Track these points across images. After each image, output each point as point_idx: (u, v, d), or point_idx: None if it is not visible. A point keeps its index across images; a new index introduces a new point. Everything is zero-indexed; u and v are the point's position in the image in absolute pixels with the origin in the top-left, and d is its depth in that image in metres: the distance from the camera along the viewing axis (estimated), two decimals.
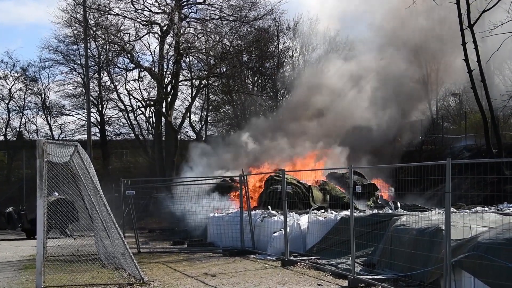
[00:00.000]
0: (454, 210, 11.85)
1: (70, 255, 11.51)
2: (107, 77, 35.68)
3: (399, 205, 14.68)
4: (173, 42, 29.15)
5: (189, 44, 29.15)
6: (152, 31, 29.95)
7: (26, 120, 40.65)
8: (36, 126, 40.98)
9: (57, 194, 9.97)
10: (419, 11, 27.78)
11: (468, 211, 11.89)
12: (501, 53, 23.80)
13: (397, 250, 9.60)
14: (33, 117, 41.00)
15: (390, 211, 12.91)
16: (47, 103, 40.08)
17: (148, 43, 36.81)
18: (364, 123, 23.80)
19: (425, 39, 32.26)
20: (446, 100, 35.19)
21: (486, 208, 12.40)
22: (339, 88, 24.59)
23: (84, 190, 10.10)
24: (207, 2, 29.93)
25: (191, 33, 29.73)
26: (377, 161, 21.94)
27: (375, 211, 13.73)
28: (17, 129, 40.68)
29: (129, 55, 29.68)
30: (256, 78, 35.36)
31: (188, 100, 36.63)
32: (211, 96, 37.86)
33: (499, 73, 31.78)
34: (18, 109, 40.15)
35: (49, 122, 40.32)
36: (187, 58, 31.94)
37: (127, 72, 33.79)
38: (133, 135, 38.68)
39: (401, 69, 31.89)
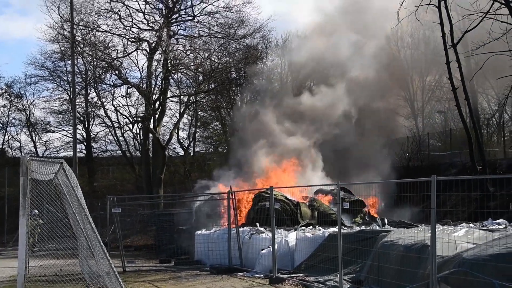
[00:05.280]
0: (440, 226, 11.90)
1: (53, 275, 11.31)
2: (94, 94, 35.55)
3: (386, 221, 14.73)
4: (162, 58, 29.21)
5: (177, 61, 29.22)
6: (140, 48, 29.99)
7: (9, 137, 40.22)
8: (20, 143, 40.52)
9: (37, 211, 9.85)
10: (404, 30, 28.27)
11: (454, 227, 11.95)
12: (484, 72, 24.25)
13: (384, 266, 9.61)
14: (17, 134, 40.55)
15: (378, 228, 12.94)
16: (32, 120, 39.72)
17: (136, 59, 36.76)
18: (351, 140, 23.87)
19: (410, 58, 32.79)
20: (432, 117, 35.58)
21: (471, 225, 12.48)
22: (325, 105, 24.68)
23: (69, 208, 9.99)
24: (195, 20, 30.11)
25: (179, 50, 29.84)
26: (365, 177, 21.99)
27: (363, 227, 13.76)
28: (0, 147, 40.18)
29: (116, 72, 29.63)
30: (244, 94, 35.44)
31: (176, 116, 36.59)
32: (199, 113, 37.86)
33: (482, 91, 32.26)
34: (1, 126, 39.70)
35: (34, 139, 39.93)
36: (176, 75, 31.98)
37: (115, 89, 33.70)
38: (120, 151, 38.43)
39: (387, 87, 32.26)
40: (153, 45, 29.14)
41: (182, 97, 33.48)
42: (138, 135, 36.21)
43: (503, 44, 21.43)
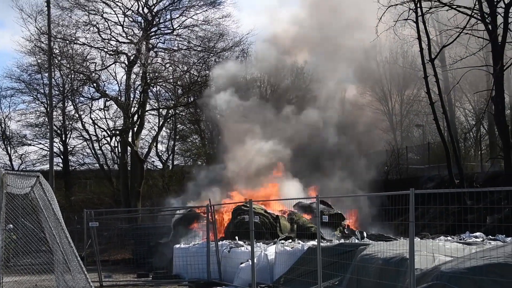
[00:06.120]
0: (418, 239, 12.03)
1: None
2: (72, 106, 35.22)
3: (365, 234, 14.83)
4: (140, 71, 29.14)
5: (156, 74, 29.18)
6: (119, 61, 29.87)
7: None
8: None
9: (11, 226, 9.71)
10: (383, 44, 28.72)
11: (432, 240, 12.10)
12: (461, 86, 24.70)
13: (363, 279, 9.66)
14: None
15: (357, 241, 13.02)
16: (7, 133, 39.10)
17: (115, 72, 36.46)
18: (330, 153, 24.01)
19: (389, 72, 33.33)
20: (410, 131, 36.07)
21: (449, 238, 12.64)
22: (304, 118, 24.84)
23: (45, 222, 9.86)
24: (175, 33, 30.19)
25: (158, 63, 29.81)
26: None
27: (342, 240, 13.83)
28: None
29: (94, 84, 29.46)
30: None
31: (155, 129, 36.42)
32: (178, 126, 37.75)
33: (460, 105, 32.91)
34: None
35: (9, 152, 39.28)
36: (154, 88, 31.91)
37: (93, 101, 33.45)
38: (97, 165, 38.01)
39: (366, 100, 32.66)
40: (132, 58, 29.07)
41: (161, 110, 33.40)
42: (116, 148, 35.90)
43: (480, 59, 21.97)
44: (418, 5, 18.52)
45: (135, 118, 29.98)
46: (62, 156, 38.68)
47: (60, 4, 28.42)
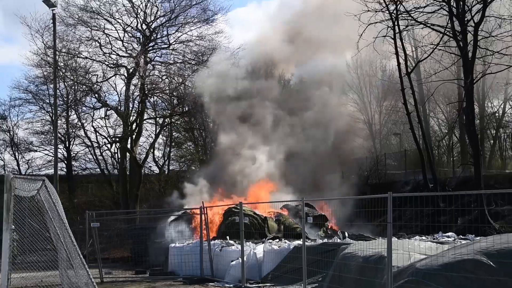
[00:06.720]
0: (396, 239, 12.11)
1: (33, 286, 11.07)
2: (75, 115, 35.10)
3: (346, 234, 14.90)
4: (139, 83, 29.17)
5: (153, 85, 29.26)
6: (119, 73, 29.90)
7: None
8: (4, 161, 39.52)
9: (13, 227, 9.67)
10: (363, 59, 28.98)
11: (408, 240, 12.19)
12: (435, 98, 24.93)
13: (345, 276, 9.72)
14: (1, 153, 39.48)
15: (339, 240, 13.08)
16: (15, 140, 38.84)
17: (115, 84, 36.32)
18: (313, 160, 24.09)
19: (369, 84, 33.62)
20: (388, 139, 36.32)
21: (423, 238, 12.74)
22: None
23: (50, 222, 9.83)
24: (171, 47, 30.27)
25: (155, 75, 29.90)
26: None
27: (325, 240, 13.89)
28: None
29: (96, 95, 29.45)
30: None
31: (152, 137, 36.32)
32: (174, 133, 37.73)
33: (434, 116, 33.22)
34: None
35: (17, 157, 39.02)
36: (152, 98, 31.97)
37: (94, 111, 33.38)
38: (98, 170, 37.83)
39: (348, 110, 32.85)
40: (131, 70, 29.10)
41: (157, 119, 33.41)
42: (116, 154, 35.72)
43: (452, 73, 22.23)
44: (396, 23, 18.74)
45: (134, 126, 29.96)
46: (66, 162, 38.47)
47: (65, 21, 28.42)
